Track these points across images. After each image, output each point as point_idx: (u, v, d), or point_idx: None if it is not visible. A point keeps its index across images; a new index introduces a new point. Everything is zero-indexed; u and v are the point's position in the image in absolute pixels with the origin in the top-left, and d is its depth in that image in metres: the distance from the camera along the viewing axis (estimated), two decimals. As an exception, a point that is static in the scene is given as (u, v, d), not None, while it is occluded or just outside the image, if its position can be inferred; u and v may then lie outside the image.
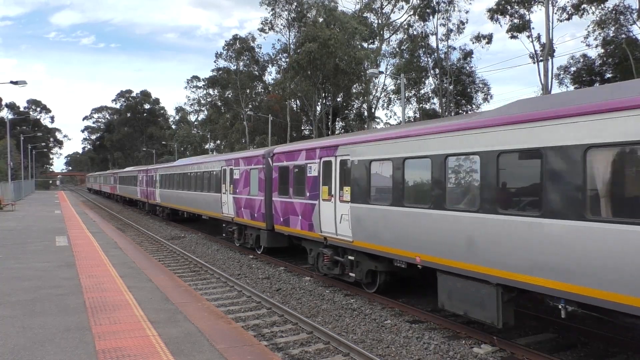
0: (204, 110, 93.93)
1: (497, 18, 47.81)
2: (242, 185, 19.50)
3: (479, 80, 56.65)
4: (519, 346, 8.81)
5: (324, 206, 13.70)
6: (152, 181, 37.31)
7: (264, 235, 18.03)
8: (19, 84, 37.95)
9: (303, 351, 8.97)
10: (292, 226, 15.49)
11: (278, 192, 16.48)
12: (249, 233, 19.68)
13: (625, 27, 42.18)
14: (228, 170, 21.26)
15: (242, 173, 19.58)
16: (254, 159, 18.59)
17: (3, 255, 15.96)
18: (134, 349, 7.17)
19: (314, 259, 14.90)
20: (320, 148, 13.93)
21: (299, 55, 51.02)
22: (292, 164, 15.50)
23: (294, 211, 15.33)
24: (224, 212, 21.55)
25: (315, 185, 14.05)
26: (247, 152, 20.07)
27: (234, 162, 20.61)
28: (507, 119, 8.31)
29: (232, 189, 20.69)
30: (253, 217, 18.44)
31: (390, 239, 10.89)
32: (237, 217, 20.07)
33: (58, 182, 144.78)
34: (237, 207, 19.96)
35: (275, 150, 17.16)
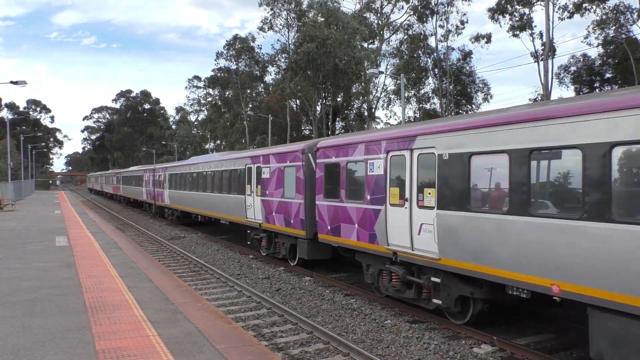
0: (204, 110, 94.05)
1: (498, 18, 47.82)
2: (274, 186, 16.82)
3: (478, 80, 56.71)
4: (519, 346, 8.81)
5: (392, 213, 10.97)
6: (160, 181, 34.89)
7: (303, 246, 15.22)
8: (19, 84, 37.95)
9: (303, 351, 8.97)
10: (344, 236, 12.81)
11: (324, 195, 13.78)
12: (281, 242, 17.00)
13: (626, 27, 42.22)
14: (254, 168, 18.48)
15: (274, 172, 16.82)
16: (289, 155, 15.86)
17: (3, 255, 15.96)
18: (134, 349, 7.17)
19: (373, 277, 12.16)
20: (387, 140, 11.20)
21: (298, 55, 51.05)
22: (345, 160, 12.80)
23: (347, 218, 12.67)
24: (249, 217, 18.91)
25: (380, 186, 11.37)
26: (281, 147, 17.20)
27: (262, 159, 17.83)
28: None
29: (259, 191, 17.98)
30: (288, 223, 15.81)
31: (506, 258, 8.21)
32: (266, 223, 17.37)
33: (58, 182, 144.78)
34: (267, 212, 17.29)
35: (320, 144, 14.31)
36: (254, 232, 19.22)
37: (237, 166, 20.33)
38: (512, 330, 10.05)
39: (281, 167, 16.39)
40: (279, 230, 16.64)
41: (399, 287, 11.13)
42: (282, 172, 16.33)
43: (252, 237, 19.38)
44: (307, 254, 15.13)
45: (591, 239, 6.92)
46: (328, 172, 13.78)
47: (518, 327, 10.15)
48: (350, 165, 12.74)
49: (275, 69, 64.47)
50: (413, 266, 10.74)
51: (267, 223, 17.43)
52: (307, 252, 15.11)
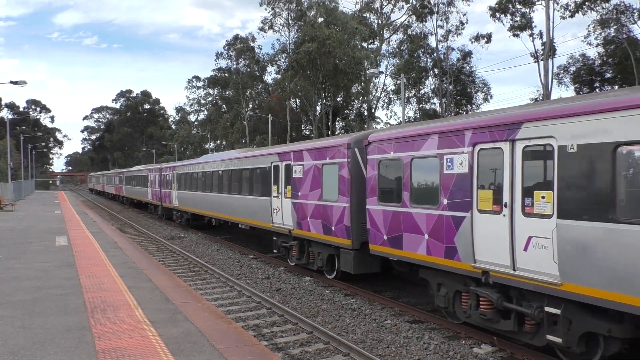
0: (204, 110, 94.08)
1: (499, 17, 47.82)
2: (308, 186, 14.58)
3: (478, 80, 56.76)
4: (519, 346, 8.81)
5: (482, 222, 8.70)
6: (168, 181, 32.53)
7: (348, 257, 12.84)
8: (19, 84, 37.98)
9: (303, 351, 8.97)
10: (407, 248, 10.59)
11: (379, 198, 11.51)
12: (317, 251, 14.69)
13: (626, 27, 42.24)
14: (282, 166, 16.29)
15: (309, 170, 14.54)
16: (330, 151, 13.59)
17: (3, 255, 15.96)
18: (134, 349, 7.17)
19: (446, 299, 9.96)
20: (473, 129, 8.94)
21: (298, 55, 51.10)
22: (410, 155, 10.54)
23: (412, 227, 10.43)
24: (276, 222, 16.66)
25: (462, 188, 9.12)
26: (318, 142, 14.71)
27: (293, 156, 15.57)
28: None
29: (289, 192, 15.70)
30: (327, 230, 13.60)
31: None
32: (299, 229, 15.07)
33: (58, 182, 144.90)
34: (299, 216, 15.04)
35: (373, 137, 11.91)
36: (281, 239, 16.80)
37: (261, 164, 17.92)
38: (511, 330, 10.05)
39: (318, 164, 14.10)
40: (314, 238, 14.36)
41: (490, 315, 8.88)
42: (319, 171, 14.05)
43: (279, 245, 16.98)
44: (354, 267, 12.63)
45: None
46: (384, 171, 11.58)
47: (518, 327, 10.15)
48: (417, 162, 10.44)
49: (275, 68, 64.59)
50: (512, 290, 8.57)
51: (299, 229, 15.11)
52: (354, 265, 12.63)
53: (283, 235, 16.58)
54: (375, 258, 12.31)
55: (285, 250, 16.70)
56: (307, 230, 14.69)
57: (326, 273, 14.57)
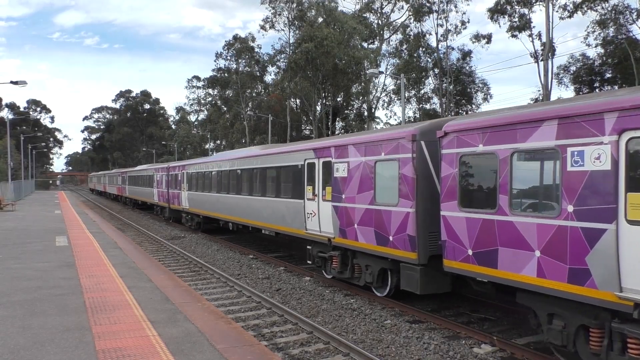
0: (204, 110, 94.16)
1: (497, 18, 47.87)
2: (355, 187, 12.37)
3: (478, 80, 56.80)
4: (519, 346, 8.82)
5: (636, 237, 6.54)
6: (177, 181, 30.38)
7: (413, 274, 10.55)
8: (19, 84, 38.00)
9: (303, 351, 8.97)
10: (506, 267, 8.34)
11: (461, 202, 9.31)
12: (364, 264, 12.54)
13: (625, 27, 42.26)
14: (319, 164, 14.08)
15: (357, 168, 12.32)
16: (387, 145, 11.28)
17: (3, 255, 15.96)
18: (134, 349, 7.17)
19: (564, 336, 7.76)
20: (619, 110, 6.79)
21: (297, 55, 51.13)
22: (510, 148, 8.32)
23: (514, 240, 8.18)
24: (311, 229, 14.47)
25: (601, 191, 6.96)
26: (369, 134, 12.35)
27: (335, 152, 13.30)
28: None
29: (329, 194, 13.51)
30: (382, 240, 11.35)
31: None
32: (341, 237, 12.90)
33: (58, 182, 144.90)
34: (342, 223, 12.87)
35: (451, 126, 9.65)
36: (317, 248, 14.56)
37: (291, 162, 15.77)
38: (512, 330, 10.06)
39: (370, 161, 11.88)
40: (362, 249, 12.16)
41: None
42: (371, 169, 11.82)
43: (314, 255, 14.74)
44: (421, 286, 10.40)
45: None
46: (468, 168, 9.39)
47: (518, 327, 10.15)
48: (521, 157, 8.32)
49: (275, 68, 64.65)
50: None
51: (341, 238, 12.91)
52: (421, 284, 10.39)
53: (320, 244, 14.29)
54: (445, 275, 10.26)
55: (322, 261, 14.44)
56: (353, 239, 12.46)
57: (375, 290, 12.46)
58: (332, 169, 13.40)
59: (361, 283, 12.79)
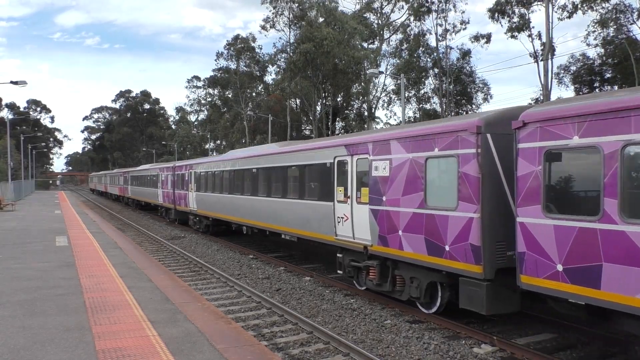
0: (204, 110, 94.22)
1: (498, 17, 47.87)
2: (400, 188, 10.78)
3: (478, 80, 56.82)
4: (519, 346, 8.82)
5: None
6: (184, 181, 28.87)
7: (477, 291, 9.03)
8: (19, 84, 38.00)
9: (303, 351, 8.97)
10: (614, 288, 6.93)
11: (546, 207, 7.84)
12: (408, 277, 11.02)
13: (625, 27, 42.26)
14: (353, 162, 12.53)
15: (402, 166, 10.74)
16: (443, 138, 9.73)
17: (3, 255, 15.96)
18: (134, 349, 7.17)
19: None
20: None
21: (296, 56, 51.17)
22: (620, 141, 6.90)
23: (626, 255, 6.79)
24: (342, 234, 12.88)
25: None
26: (417, 127, 10.72)
27: (373, 148, 11.69)
28: None
29: (364, 196, 12.00)
30: (435, 249, 9.79)
31: None
32: (381, 245, 11.32)
33: (58, 182, 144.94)
34: (383, 229, 11.26)
35: (532, 114, 8.23)
36: (349, 256, 12.97)
37: (318, 159, 14.28)
38: (512, 330, 10.06)
39: (419, 158, 10.30)
40: (409, 260, 10.55)
41: None
42: (420, 167, 10.23)
43: (346, 264, 13.10)
44: (487, 305, 8.84)
45: None
46: (558, 165, 7.91)
47: (518, 327, 10.16)
48: (636, 151, 6.80)
49: (275, 68, 64.70)
50: None
51: (381, 246, 11.32)
52: (487, 303, 8.83)
53: (352, 252, 12.78)
54: (514, 291, 8.87)
55: (355, 271, 12.89)
56: (396, 247, 10.86)
57: (422, 306, 10.96)
58: (369, 167, 11.79)
59: (404, 297, 11.26)
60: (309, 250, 20.10)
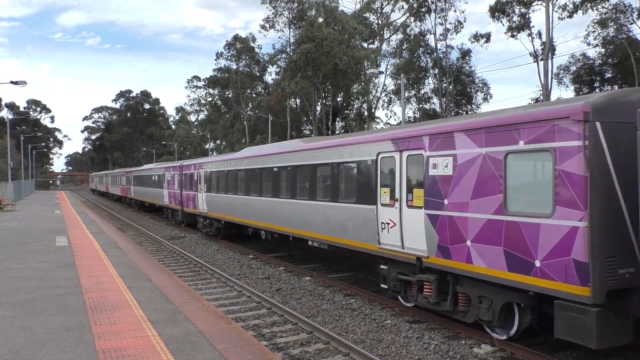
0: (204, 110, 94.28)
1: (499, 16, 47.88)
2: (468, 189, 8.99)
3: (478, 80, 56.83)
4: (519, 346, 8.81)
5: None
6: (192, 181, 27.10)
7: (581, 319, 7.27)
8: (19, 84, 38.01)
9: (303, 351, 8.97)
10: None
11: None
12: (479, 295, 9.23)
13: (626, 27, 42.27)
14: (402, 159, 10.70)
15: (470, 163, 8.99)
16: (530, 129, 7.97)
17: (3, 255, 15.97)
18: (134, 349, 7.18)
19: None
20: None
21: (297, 56, 51.19)
22: None
23: None
24: (387, 243, 11.07)
25: None
26: (494, 116, 8.92)
27: (430, 142, 9.95)
28: None
29: (419, 198, 10.21)
30: (519, 265, 8.03)
31: None
32: (442, 257, 9.56)
33: (58, 182, 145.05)
34: (445, 237, 9.46)
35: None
36: (396, 268, 11.14)
37: (358, 157, 12.40)
38: (512, 330, 10.05)
39: (495, 153, 8.50)
40: (481, 275, 8.77)
41: None
42: (498, 164, 8.44)
43: (392, 277, 11.23)
44: (598, 336, 7.16)
45: None
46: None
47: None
48: None
49: (275, 68, 64.71)
50: None
51: (441, 258, 9.61)
52: (597, 334, 7.15)
53: (401, 264, 10.98)
54: (627, 320, 7.44)
55: (402, 286, 11.08)
56: (462, 260, 9.08)
57: (494, 331, 9.28)
58: (425, 165, 10.03)
59: (468, 319, 9.59)
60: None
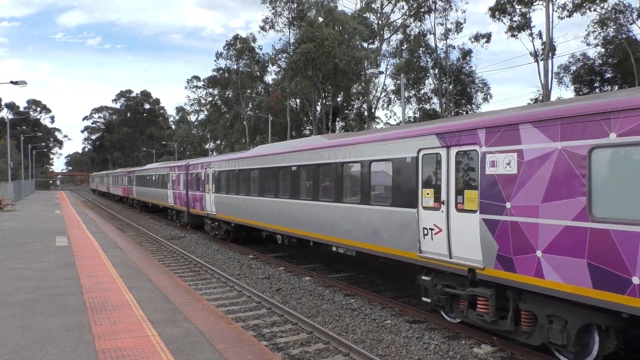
0: (204, 110, 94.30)
1: (499, 17, 47.90)
2: (537, 190, 7.71)
3: (478, 80, 56.83)
4: (519, 346, 8.82)
5: None
6: (199, 181, 25.85)
7: None
8: (19, 84, 38.01)
9: (303, 351, 8.97)
10: None
11: None
12: (549, 315, 8.01)
13: (625, 27, 42.29)
14: (451, 156, 9.40)
15: (540, 160, 7.71)
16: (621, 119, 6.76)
17: (3, 255, 15.96)
18: (134, 349, 7.18)
19: None
20: None
21: (297, 56, 51.20)
22: None
23: None
24: (431, 251, 9.84)
25: None
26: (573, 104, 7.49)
27: (487, 136, 8.64)
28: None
29: (472, 200, 8.92)
30: (608, 281, 6.85)
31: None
32: (501, 268, 8.27)
33: (58, 182, 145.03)
34: (507, 246, 8.15)
35: None
36: (440, 280, 9.95)
37: (394, 154, 11.04)
38: (512, 330, 10.05)
39: (576, 147, 7.24)
40: (555, 292, 7.45)
41: None
42: (578, 161, 7.20)
43: (434, 290, 10.07)
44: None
45: None
46: None
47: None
48: None
49: (275, 68, 64.72)
50: None
51: (501, 270, 8.27)
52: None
53: (447, 275, 9.76)
54: None
55: (447, 300, 9.84)
56: (530, 273, 7.78)
57: (566, 357, 8.05)
58: (481, 162, 8.70)
59: (536, 342, 8.33)
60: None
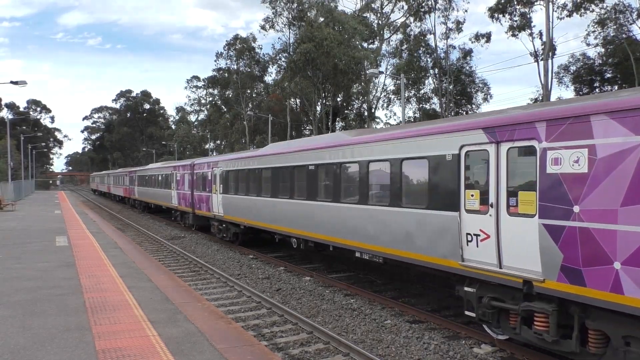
0: (204, 110, 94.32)
1: (498, 17, 47.91)
2: (615, 192, 6.61)
3: (478, 80, 56.81)
4: (519, 346, 8.81)
5: None
6: (205, 181, 24.72)
7: None
8: (19, 84, 38.00)
9: (303, 351, 8.97)
10: None
11: None
12: (625, 336, 6.91)
13: (626, 27, 42.30)
14: (502, 153, 8.38)
15: (617, 157, 6.64)
16: None
17: (3, 255, 15.96)
18: (134, 349, 7.17)
19: None
20: None
21: (297, 56, 51.22)
22: None
23: None
24: (475, 259, 8.79)
25: None
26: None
27: (548, 130, 7.53)
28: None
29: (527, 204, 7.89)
30: None
31: None
32: (567, 282, 7.20)
33: (58, 182, 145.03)
34: (575, 256, 7.09)
35: None
36: (487, 291, 8.83)
37: (431, 151, 9.92)
38: (512, 330, 10.05)
39: None
40: (634, 310, 6.43)
41: None
42: None
43: (478, 304, 8.93)
44: None
45: None
46: None
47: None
48: None
49: (276, 68, 64.73)
50: None
51: (566, 283, 7.25)
52: None
53: (495, 287, 8.67)
54: None
55: (494, 314, 8.77)
56: (607, 288, 6.68)
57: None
58: (540, 159, 7.63)
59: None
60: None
